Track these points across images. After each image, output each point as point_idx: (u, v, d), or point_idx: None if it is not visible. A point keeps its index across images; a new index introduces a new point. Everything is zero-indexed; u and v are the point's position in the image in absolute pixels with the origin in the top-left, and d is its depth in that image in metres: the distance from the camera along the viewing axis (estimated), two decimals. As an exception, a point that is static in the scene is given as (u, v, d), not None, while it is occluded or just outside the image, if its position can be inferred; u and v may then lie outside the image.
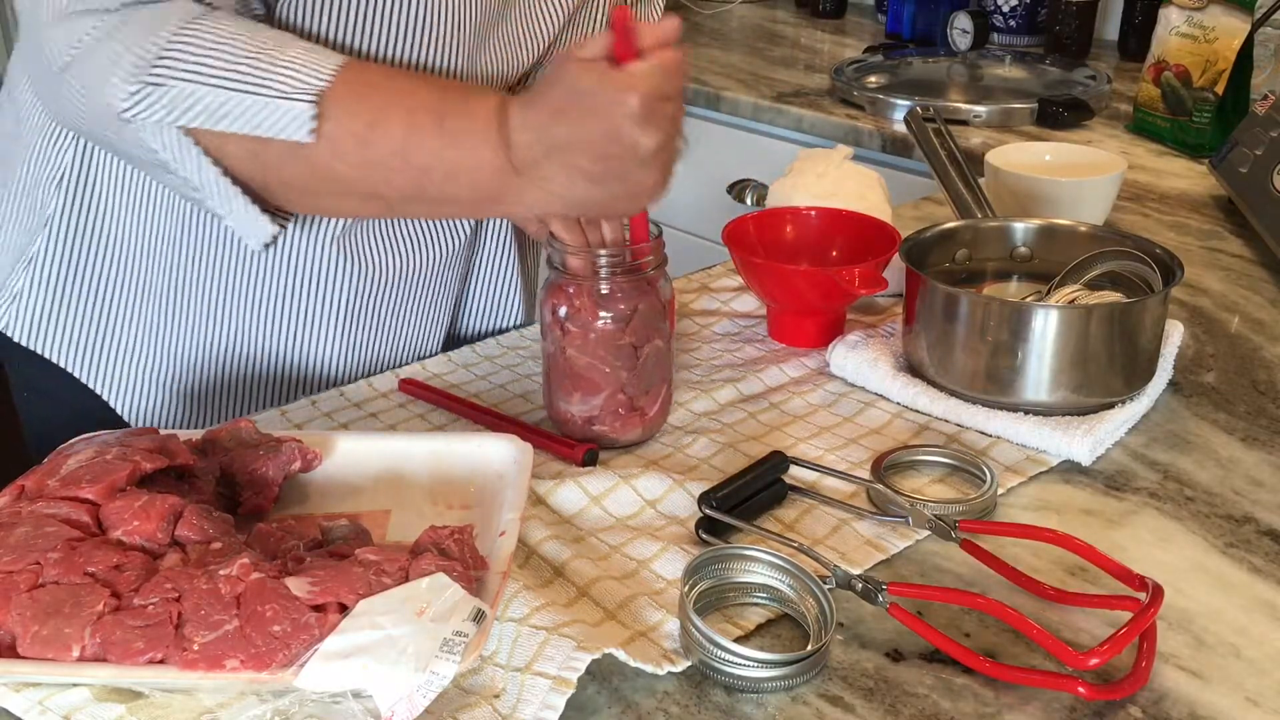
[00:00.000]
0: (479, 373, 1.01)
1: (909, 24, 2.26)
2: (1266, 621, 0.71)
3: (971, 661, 0.66)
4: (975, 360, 0.90)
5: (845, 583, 0.70)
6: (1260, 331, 1.08)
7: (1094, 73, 1.93)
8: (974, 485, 0.84)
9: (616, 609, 0.71)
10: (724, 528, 0.78)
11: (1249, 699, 0.65)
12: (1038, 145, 1.33)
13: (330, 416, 0.94)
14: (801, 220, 1.09)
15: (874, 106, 1.84)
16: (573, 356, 0.86)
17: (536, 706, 0.63)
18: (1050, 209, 1.19)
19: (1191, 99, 1.58)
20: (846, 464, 0.87)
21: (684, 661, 0.67)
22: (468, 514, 0.78)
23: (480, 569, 0.68)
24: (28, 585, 0.64)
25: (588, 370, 0.86)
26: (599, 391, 0.86)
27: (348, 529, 0.74)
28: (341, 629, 0.61)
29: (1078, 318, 0.88)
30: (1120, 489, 0.84)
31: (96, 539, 0.68)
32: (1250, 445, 0.89)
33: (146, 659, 0.61)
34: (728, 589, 0.72)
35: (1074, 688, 0.64)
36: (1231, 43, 1.54)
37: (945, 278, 0.98)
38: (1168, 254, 0.94)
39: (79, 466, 0.73)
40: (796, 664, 0.65)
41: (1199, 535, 0.79)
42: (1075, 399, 0.89)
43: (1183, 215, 1.36)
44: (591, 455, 0.87)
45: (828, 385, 0.98)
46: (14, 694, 0.64)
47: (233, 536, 0.71)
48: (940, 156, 1.13)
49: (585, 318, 0.85)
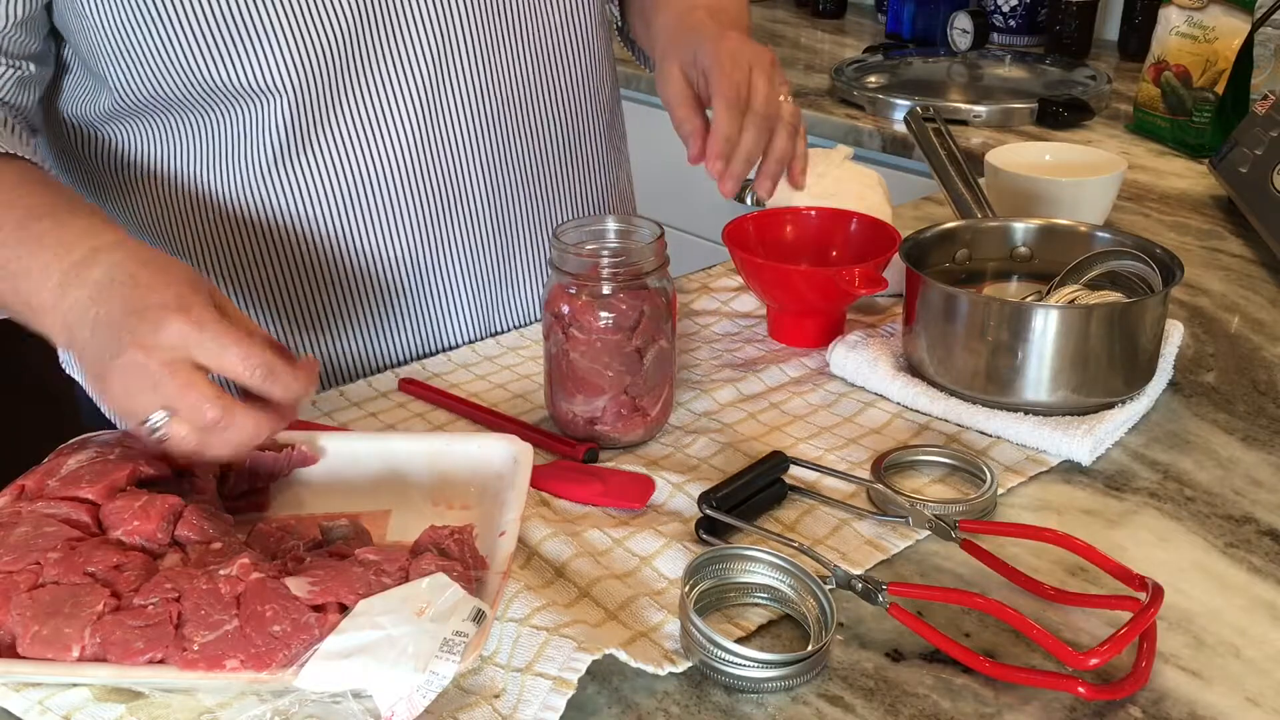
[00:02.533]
0: (479, 373, 1.01)
1: (909, 24, 2.26)
2: (1266, 621, 0.71)
3: (971, 661, 0.66)
4: (975, 360, 0.90)
5: (845, 583, 0.70)
6: (1260, 331, 1.08)
7: (1094, 73, 1.93)
8: (974, 485, 0.84)
9: (617, 609, 0.71)
10: (724, 528, 0.78)
11: (1249, 699, 0.65)
12: (1038, 145, 1.33)
13: (330, 416, 0.94)
14: (801, 220, 1.09)
15: (874, 106, 1.84)
16: (575, 360, 0.86)
17: (537, 707, 0.63)
18: (1050, 209, 1.19)
19: (1191, 99, 1.58)
20: (846, 464, 0.87)
21: (684, 662, 0.67)
22: (468, 514, 0.78)
23: (480, 569, 0.68)
24: (28, 585, 0.64)
25: (590, 373, 0.86)
26: (602, 393, 0.86)
27: (348, 529, 0.74)
28: (341, 629, 0.61)
29: (1078, 318, 0.88)
30: (1120, 489, 0.84)
31: (96, 539, 0.68)
32: (1250, 445, 0.89)
33: (146, 659, 0.61)
34: (728, 589, 0.72)
35: (1074, 688, 0.64)
36: (1231, 43, 1.54)
37: (945, 278, 0.98)
38: (1168, 254, 0.94)
39: (79, 466, 0.73)
40: (796, 664, 0.65)
41: (1199, 535, 0.79)
42: (1075, 399, 0.89)
43: (1183, 215, 1.36)
44: (592, 455, 0.87)
45: (828, 385, 0.98)
46: (14, 694, 0.64)
47: (233, 536, 0.71)
48: (940, 156, 1.13)
49: (588, 321, 0.85)
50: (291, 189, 0.97)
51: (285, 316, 1.02)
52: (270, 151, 0.95)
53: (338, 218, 0.99)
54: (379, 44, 0.94)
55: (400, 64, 0.96)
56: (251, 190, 0.97)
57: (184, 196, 0.99)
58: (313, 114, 0.94)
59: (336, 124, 0.96)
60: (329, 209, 0.99)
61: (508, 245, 1.07)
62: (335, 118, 0.95)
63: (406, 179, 0.99)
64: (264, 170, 0.96)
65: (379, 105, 0.96)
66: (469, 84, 0.99)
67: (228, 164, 0.97)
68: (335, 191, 0.98)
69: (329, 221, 0.99)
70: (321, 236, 1.00)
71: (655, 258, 0.86)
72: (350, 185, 0.98)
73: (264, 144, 0.95)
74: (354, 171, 0.98)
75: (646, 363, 0.86)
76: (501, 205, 1.05)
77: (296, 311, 1.02)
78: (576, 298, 0.85)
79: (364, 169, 0.98)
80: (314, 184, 0.97)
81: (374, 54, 0.94)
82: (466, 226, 1.04)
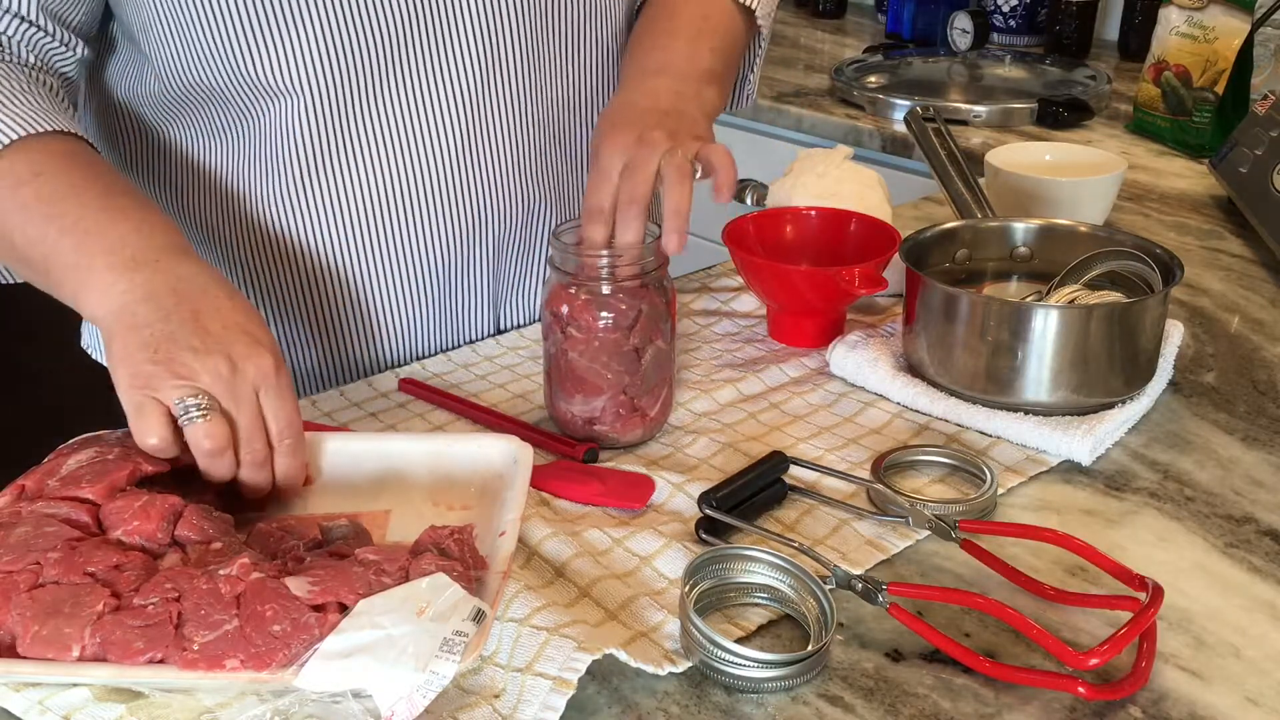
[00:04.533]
0: (479, 373, 1.01)
1: (909, 24, 2.26)
2: (1266, 621, 0.71)
3: (971, 661, 0.66)
4: (975, 360, 0.90)
5: (845, 583, 0.70)
6: (1260, 331, 1.08)
7: (1094, 73, 1.93)
8: (974, 485, 0.84)
9: (618, 609, 0.71)
10: (724, 528, 0.78)
11: (1249, 699, 0.65)
12: (1038, 145, 1.33)
13: (330, 416, 0.94)
14: (801, 220, 1.09)
15: (874, 106, 1.84)
16: (574, 359, 0.86)
17: (537, 707, 0.63)
18: (1050, 209, 1.19)
19: (1191, 99, 1.58)
20: (846, 464, 0.87)
21: (685, 662, 0.67)
22: (468, 514, 0.78)
23: (480, 569, 0.68)
24: (28, 585, 0.64)
25: (589, 373, 0.86)
26: (600, 393, 0.86)
27: (348, 529, 0.74)
28: (341, 629, 0.61)
29: (1078, 318, 0.88)
30: (1120, 489, 0.84)
31: (96, 539, 0.68)
32: (1250, 445, 0.89)
33: (146, 659, 0.61)
34: (728, 589, 0.72)
35: (1074, 688, 0.64)
36: (1231, 43, 1.54)
37: (945, 278, 0.98)
38: (1168, 254, 0.94)
39: (79, 466, 0.73)
40: (797, 664, 0.65)
41: (1199, 535, 0.79)
42: (1075, 399, 0.89)
43: (1183, 215, 1.36)
44: (592, 455, 0.87)
45: (828, 385, 0.98)
46: (14, 694, 0.64)
47: (233, 536, 0.71)
48: (940, 156, 1.13)
49: (587, 320, 0.85)
50: (324, 195, 0.97)
51: (305, 320, 1.02)
52: (303, 154, 0.95)
53: (366, 223, 0.98)
54: (420, 49, 0.93)
55: (444, 70, 0.95)
56: (284, 195, 0.97)
57: (219, 194, 0.99)
58: (344, 118, 0.94)
59: (370, 130, 0.95)
60: (357, 215, 0.98)
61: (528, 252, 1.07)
62: (369, 123, 0.95)
63: (444, 188, 0.99)
64: (298, 175, 0.96)
65: (417, 112, 0.95)
66: (515, 91, 0.98)
67: (263, 165, 0.96)
68: (366, 198, 0.97)
69: (354, 227, 0.98)
70: (353, 244, 0.99)
71: (654, 257, 0.86)
72: (384, 192, 0.97)
73: (297, 146, 0.94)
74: (389, 179, 0.97)
75: (645, 362, 0.86)
76: (535, 211, 1.05)
77: (321, 316, 1.02)
78: (575, 297, 0.85)
79: (400, 177, 0.97)
80: (344, 189, 0.97)
81: (414, 59, 0.93)
82: (496, 233, 1.03)
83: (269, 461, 0.75)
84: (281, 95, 0.92)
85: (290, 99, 0.92)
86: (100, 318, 0.76)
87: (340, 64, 0.91)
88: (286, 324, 1.03)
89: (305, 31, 0.89)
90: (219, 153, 0.98)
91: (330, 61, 0.91)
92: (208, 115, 0.96)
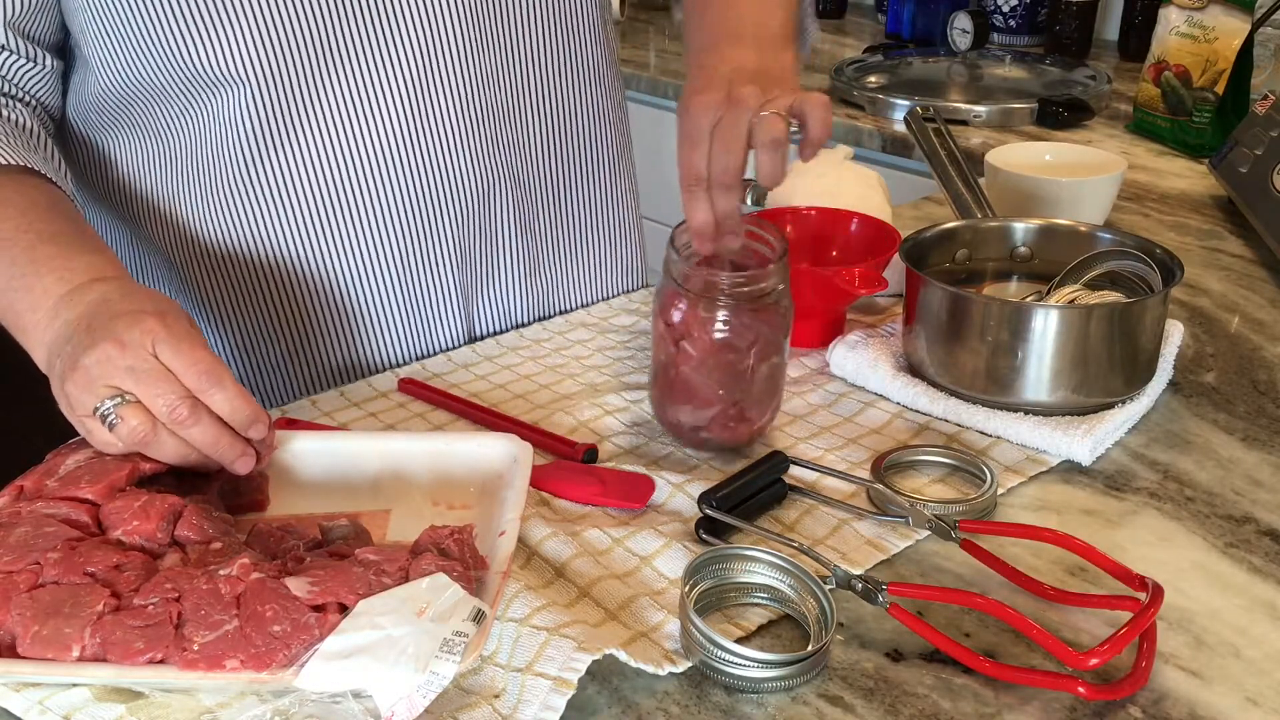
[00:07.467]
0: (479, 373, 1.01)
1: (909, 24, 2.26)
2: (1266, 621, 0.71)
3: (971, 661, 0.66)
4: (975, 360, 0.90)
5: (845, 583, 0.70)
6: (1260, 331, 1.08)
7: (1094, 73, 1.93)
8: (974, 485, 0.84)
9: (618, 609, 0.71)
10: (724, 528, 0.78)
11: (1249, 699, 0.65)
12: (1038, 145, 1.33)
13: (330, 416, 0.94)
14: (801, 220, 1.09)
15: (874, 106, 1.84)
16: (687, 373, 0.84)
17: (537, 707, 0.63)
18: (1050, 209, 1.19)
19: (1191, 99, 1.58)
20: (846, 464, 0.87)
21: (684, 662, 0.67)
22: (468, 514, 0.78)
23: (480, 569, 0.68)
24: (28, 585, 0.64)
25: (703, 388, 0.84)
26: (711, 405, 0.85)
27: (348, 529, 0.74)
28: (341, 629, 0.61)
29: (1078, 318, 0.88)
30: (1120, 489, 0.84)
31: (96, 539, 0.68)
32: (1250, 445, 0.89)
33: (146, 659, 0.61)
34: (728, 589, 0.72)
35: (1074, 688, 0.64)
36: (1231, 43, 1.54)
37: (945, 278, 0.98)
38: (1168, 254, 0.94)
39: (78, 466, 0.73)
40: (797, 664, 0.65)
41: (1199, 535, 0.79)
42: (1075, 399, 0.89)
43: (1183, 215, 1.36)
44: (591, 454, 0.87)
45: (828, 385, 0.98)
46: (14, 694, 0.64)
47: (233, 536, 0.71)
48: (940, 156, 1.13)
49: (703, 338, 0.82)
50: (271, 187, 0.96)
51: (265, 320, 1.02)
52: (249, 146, 0.94)
53: (316, 217, 0.98)
54: (360, 39, 0.93)
55: (383, 60, 0.94)
56: (231, 191, 0.97)
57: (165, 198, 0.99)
58: (285, 107, 0.93)
59: (315, 116, 0.94)
60: (307, 208, 0.98)
61: (493, 246, 1.06)
62: (310, 113, 0.94)
63: (393, 173, 0.98)
64: (243, 167, 0.95)
65: (363, 95, 0.95)
66: (457, 82, 0.98)
67: (208, 161, 0.96)
68: (314, 190, 0.97)
69: (306, 221, 0.98)
70: (299, 237, 0.99)
71: (778, 277, 0.82)
72: (329, 183, 0.97)
73: (243, 137, 0.94)
74: (333, 170, 0.96)
75: (759, 379, 0.85)
76: (491, 196, 1.04)
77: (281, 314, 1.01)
78: (692, 311, 0.82)
79: (348, 163, 0.97)
80: (291, 182, 0.96)
81: (354, 49, 0.93)
82: (452, 228, 1.03)
83: (199, 414, 0.72)
84: (223, 85, 0.92)
85: (232, 88, 0.92)
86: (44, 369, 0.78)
87: (281, 50, 0.91)
88: (248, 327, 1.02)
89: (245, 17, 0.89)
90: (163, 154, 0.97)
91: (270, 48, 0.90)
92: (150, 114, 0.95)
